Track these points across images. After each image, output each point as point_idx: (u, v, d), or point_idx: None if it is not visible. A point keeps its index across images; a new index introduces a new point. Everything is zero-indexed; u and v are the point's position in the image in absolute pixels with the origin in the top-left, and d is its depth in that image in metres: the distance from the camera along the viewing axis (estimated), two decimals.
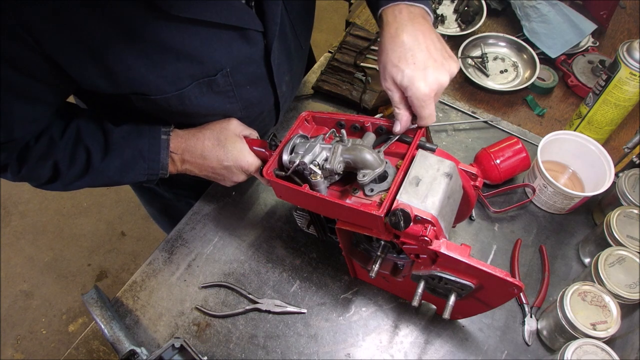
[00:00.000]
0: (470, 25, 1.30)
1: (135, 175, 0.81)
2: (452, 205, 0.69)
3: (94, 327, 0.86)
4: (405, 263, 0.78)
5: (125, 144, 0.78)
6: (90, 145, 0.76)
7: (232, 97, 0.80)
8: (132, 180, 0.82)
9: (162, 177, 0.82)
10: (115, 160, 0.78)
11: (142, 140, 0.79)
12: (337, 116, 0.78)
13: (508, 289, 0.62)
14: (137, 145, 0.78)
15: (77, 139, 0.76)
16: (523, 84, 1.18)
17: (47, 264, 2.19)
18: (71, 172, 0.77)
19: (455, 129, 1.12)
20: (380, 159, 0.69)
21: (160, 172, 0.81)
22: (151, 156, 0.79)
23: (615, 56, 0.91)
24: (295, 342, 0.83)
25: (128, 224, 2.31)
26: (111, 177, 0.79)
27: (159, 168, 0.80)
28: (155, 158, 0.79)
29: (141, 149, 0.79)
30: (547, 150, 0.96)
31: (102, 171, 0.78)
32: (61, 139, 0.75)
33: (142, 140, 0.79)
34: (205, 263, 0.92)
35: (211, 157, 0.81)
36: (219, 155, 0.81)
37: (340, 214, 0.71)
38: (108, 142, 0.77)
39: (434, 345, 0.83)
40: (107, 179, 0.80)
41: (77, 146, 0.76)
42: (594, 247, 0.88)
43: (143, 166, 0.80)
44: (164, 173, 0.82)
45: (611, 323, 0.73)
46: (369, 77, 1.18)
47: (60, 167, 0.76)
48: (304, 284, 0.89)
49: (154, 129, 0.80)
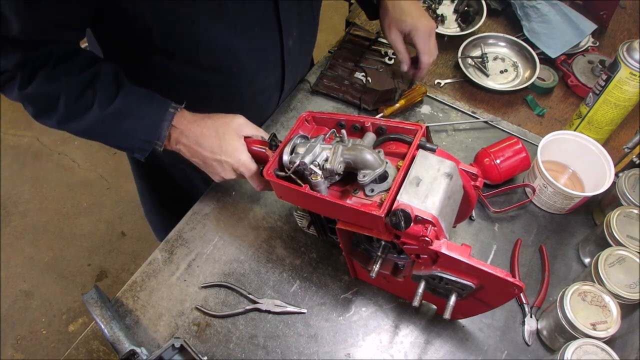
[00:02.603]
0: (470, 25, 1.30)
1: (131, 139, 0.81)
2: (452, 206, 0.69)
3: (94, 327, 0.86)
4: (405, 263, 0.78)
5: (133, 102, 0.79)
6: (100, 91, 0.77)
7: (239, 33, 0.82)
8: (126, 143, 0.82)
9: (156, 148, 0.82)
10: (119, 115, 0.78)
11: (150, 105, 0.80)
12: (337, 116, 0.78)
13: (508, 289, 0.63)
14: (144, 108, 0.80)
15: (91, 81, 0.77)
16: (523, 84, 1.18)
17: (47, 264, 2.19)
18: (71, 110, 0.77)
19: (455, 129, 1.12)
20: (381, 159, 0.69)
21: (156, 142, 0.81)
22: (153, 123, 0.80)
23: (615, 56, 0.91)
24: (295, 342, 0.83)
25: (128, 224, 2.31)
26: (107, 131, 0.80)
27: (155, 137, 0.80)
28: (156, 125, 0.80)
29: (145, 113, 0.79)
30: (547, 150, 0.96)
31: (102, 121, 0.78)
32: (78, 74, 0.76)
33: (151, 105, 0.80)
34: (205, 263, 0.92)
35: (205, 146, 0.81)
36: (213, 146, 0.81)
37: (341, 215, 0.71)
38: (118, 94, 0.78)
39: (434, 345, 0.83)
40: (102, 133, 0.81)
41: (88, 88, 0.77)
42: (594, 247, 0.88)
43: (142, 129, 0.80)
44: (159, 145, 0.82)
45: (611, 323, 0.73)
46: (369, 77, 1.18)
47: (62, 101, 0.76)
48: (304, 284, 0.89)
49: (164, 101, 0.81)
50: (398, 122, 0.74)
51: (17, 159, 2.56)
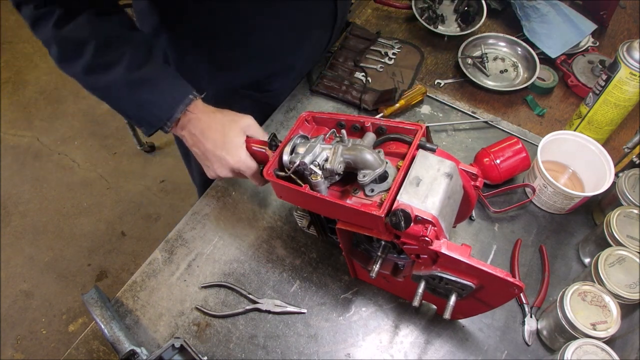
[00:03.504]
0: (470, 25, 1.30)
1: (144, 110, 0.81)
2: (452, 206, 0.69)
3: (94, 327, 0.86)
4: (405, 263, 0.78)
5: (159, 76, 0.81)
6: (131, 53, 0.78)
7: None
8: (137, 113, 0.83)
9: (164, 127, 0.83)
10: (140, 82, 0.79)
11: (173, 85, 0.81)
12: (338, 116, 0.78)
13: (508, 289, 0.63)
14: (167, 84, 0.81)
15: (127, 40, 0.79)
16: (523, 84, 1.18)
17: (47, 264, 2.19)
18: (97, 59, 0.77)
19: (455, 129, 1.12)
20: (381, 159, 0.69)
21: (166, 122, 0.82)
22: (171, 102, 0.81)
23: (615, 56, 0.91)
24: (295, 342, 0.83)
25: (128, 224, 2.31)
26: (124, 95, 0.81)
27: (167, 116, 0.81)
28: (173, 105, 0.81)
29: (166, 90, 0.81)
30: (547, 150, 0.96)
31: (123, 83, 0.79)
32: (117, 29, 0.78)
33: (174, 84, 0.81)
34: (205, 263, 0.92)
35: (209, 139, 0.82)
36: (217, 140, 0.82)
37: (341, 215, 0.71)
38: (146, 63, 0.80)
39: (434, 345, 0.83)
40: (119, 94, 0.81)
41: (122, 45, 0.78)
42: (594, 247, 0.88)
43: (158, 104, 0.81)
44: (168, 125, 0.82)
45: (611, 323, 0.73)
46: (369, 77, 1.18)
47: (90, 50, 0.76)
48: (304, 284, 0.89)
49: (187, 85, 0.83)
50: (398, 122, 0.74)
51: (17, 159, 2.56)
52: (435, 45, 1.31)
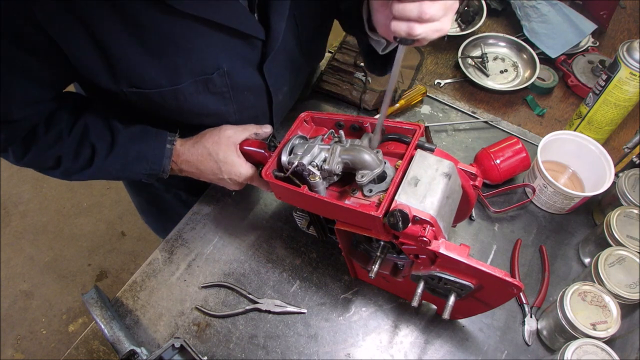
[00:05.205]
0: (470, 25, 1.30)
1: (136, 175, 0.83)
2: (451, 205, 0.69)
3: (94, 327, 0.86)
4: (405, 263, 0.78)
5: (131, 145, 0.80)
6: (96, 143, 0.79)
7: (228, 98, 0.81)
8: (132, 178, 0.84)
9: (162, 176, 0.84)
10: (119, 159, 0.80)
11: (148, 145, 0.81)
12: (336, 116, 0.78)
13: (508, 289, 0.62)
14: (141, 148, 0.81)
15: (83, 135, 0.78)
16: (523, 84, 1.17)
17: (47, 264, 2.19)
18: (74, 166, 0.79)
19: (455, 129, 1.12)
20: (379, 160, 0.69)
21: (161, 174, 0.83)
22: (154, 160, 0.82)
23: (615, 56, 0.91)
24: (295, 342, 0.83)
25: (128, 224, 2.31)
26: (112, 173, 0.82)
27: (160, 170, 0.83)
28: (157, 162, 0.82)
29: (145, 153, 0.81)
30: (547, 150, 0.96)
31: (105, 168, 0.80)
32: (69, 135, 0.77)
33: (148, 144, 0.81)
34: (205, 263, 0.92)
35: (206, 171, 0.84)
36: (213, 168, 0.83)
37: (339, 215, 0.71)
38: (114, 141, 0.80)
39: (434, 345, 0.83)
40: (107, 175, 0.83)
41: (83, 142, 0.78)
42: (594, 247, 0.88)
43: (145, 167, 0.82)
44: (165, 175, 0.84)
45: (611, 323, 0.73)
46: (369, 77, 1.18)
47: (63, 160, 0.78)
48: (304, 284, 0.89)
49: (160, 135, 0.82)
50: (397, 122, 0.74)
51: None
52: (435, 45, 1.30)
